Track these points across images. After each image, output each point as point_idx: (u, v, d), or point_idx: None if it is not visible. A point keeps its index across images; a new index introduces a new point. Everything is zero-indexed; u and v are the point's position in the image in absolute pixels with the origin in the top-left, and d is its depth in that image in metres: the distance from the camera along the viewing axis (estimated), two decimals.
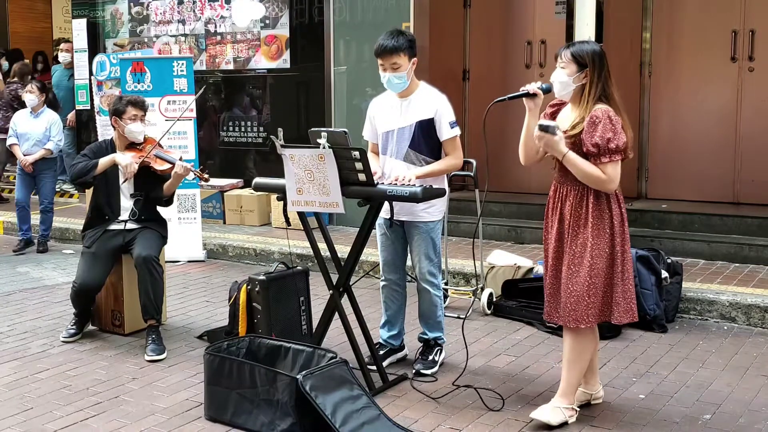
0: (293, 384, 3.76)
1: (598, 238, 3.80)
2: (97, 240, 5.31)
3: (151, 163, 5.33)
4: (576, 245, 3.83)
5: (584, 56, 3.80)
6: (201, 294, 6.58)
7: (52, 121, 8.22)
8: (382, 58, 4.49)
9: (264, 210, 8.73)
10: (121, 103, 5.41)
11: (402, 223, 4.68)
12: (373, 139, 4.78)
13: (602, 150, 3.72)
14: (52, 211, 8.32)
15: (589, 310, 3.83)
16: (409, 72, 4.52)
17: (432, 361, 4.73)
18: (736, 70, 7.79)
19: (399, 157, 4.59)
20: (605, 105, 3.79)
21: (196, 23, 9.61)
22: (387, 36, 4.51)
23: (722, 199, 7.83)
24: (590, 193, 3.81)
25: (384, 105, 4.72)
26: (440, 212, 4.70)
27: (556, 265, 3.94)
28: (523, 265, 6.20)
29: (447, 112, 4.56)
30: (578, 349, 3.94)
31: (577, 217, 3.84)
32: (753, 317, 5.56)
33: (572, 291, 3.84)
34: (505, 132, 8.92)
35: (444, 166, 4.57)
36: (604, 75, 3.82)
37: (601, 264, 3.81)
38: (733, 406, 4.22)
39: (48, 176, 8.24)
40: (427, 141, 4.57)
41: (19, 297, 6.47)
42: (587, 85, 3.81)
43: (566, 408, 3.98)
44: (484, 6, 9.05)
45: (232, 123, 9.54)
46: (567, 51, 3.84)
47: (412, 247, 4.71)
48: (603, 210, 3.82)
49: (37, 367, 4.88)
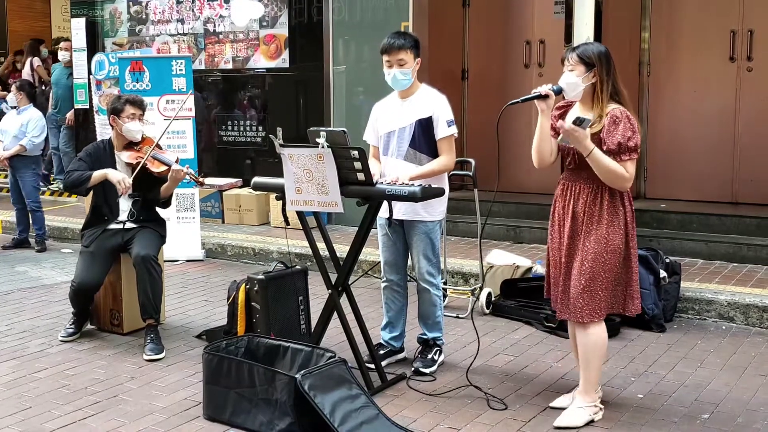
0: (292, 383, 3.76)
1: (614, 234, 3.86)
2: (96, 239, 5.31)
3: (149, 165, 5.32)
4: (589, 241, 3.87)
5: (591, 56, 3.85)
6: (200, 293, 6.58)
7: (30, 117, 8.19)
8: (389, 54, 4.54)
9: (263, 209, 8.73)
10: (120, 101, 5.41)
11: (402, 222, 4.69)
12: (375, 142, 4.80)
13: (623, 148, 3.79)
14: (40, 209, 8.29)
15: (601, 303, 3.91)
16: (413, 70, 4.58)
17: (431, 360, 4.73)
18: (734, 70, 7.80)
19: (400, 156, 4.61)
20: (619, 105, 3.85)
21: (195, 22, 9.60)
22: (393, 35, 4.61)
23: (721, 198, 7.83)
24: (605, 191, 3.87)
25: (386, 108, 4.76)
26: (440, 213, 4.71)
27: (568, 263, 3.96)
28: (522, 264, 6.20)
29: (445, 110, 4.60)
30: (593, 344, 3.98)
31: (591, 215, 3.88)
32: (751, 317, 5.57)
33: (586, 287, 3.88)
34: (503, 132, 8.94)
35: (437, 166, 4.59)
36: (613, 73, 3.88)
37: (615, 259, 3.88)
38: (731, 406, 4.22)
39: (27, 175, 8.19)
40: (427, 140, 4.59)
41: (17, 296, 6.47)
42: (598, 84, 3.86)
43: (589, 406, 4.01)
44: (483, 6, 9.05)
45: (230, 122, 9.53)
46: (573, 53, 3.89)
47: (412, 247, 4.72)
48: (617, 207, 3.89)
49: (35, 366, 4.88)
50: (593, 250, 3.86)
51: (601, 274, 3.87)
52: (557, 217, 4.03)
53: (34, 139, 8.14)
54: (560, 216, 4.01)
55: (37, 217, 8.27)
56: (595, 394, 4.06)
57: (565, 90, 3.90)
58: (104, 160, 5.41)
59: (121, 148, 5.44)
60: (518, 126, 8.22)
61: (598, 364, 4.02)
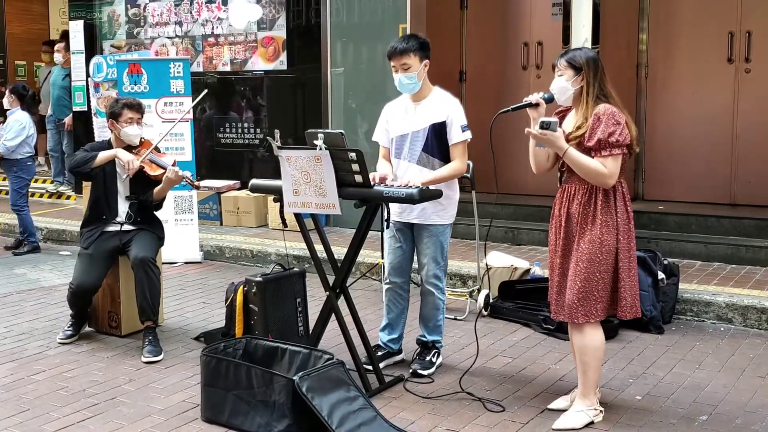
0: (290, 385, 3.76)
1: (607, 235, 3.87)
2: (94, 241, 5.30)
3: (145, 167, 5.32)
4: (584, 242, 3.89)
5: (578, 60, 3.93)
6: (198, 295, 6.58)
7: (11, 120, 8.13)
8: (394, 59, 4.54)
9: (261, 211, 8.74)
10: (118, 105, 5.40)
11: (412, 225, 4.69)
12: (386, 143, 4.79)
13: (603, 144, 3.81)
14: (22, 211, 8.23)
15: (597, 304, 3.91)
16: (420, 73, 4.55)
17: (429, 362, 4.73)
18: (732, 71, 7.80)
19: (413, 161, 4.61)
20: (606, 104, 3.89)
21: (193, 25, 9.60)
22: (399, 39, 4.61)
23: (719, 200, 7.84)
24: (599, 192, 3.89)
25: (398, 109, 4.74)
26: (451, 216, 4.72)
27: (564, 264, 3.98)
28: (520, 266, 6.20)
29: (459, 115, 4.60)
30: (590, 347, 3.99)
31: (585, 215, 3.90)
32: (749, 318, 5.57)
33: (581, 287, 3.89)
34: (501, 135, 8.94)
35: (449, 172, 4.59)
36: (600, 75, 3.93)
37: (610, 260, 3.89)
38: (729, 408, 4.22)
39: (10, 178, 8.19)
40: (440, 144, 4.59)
41: (16, 298, 6.47)
42: (585, 87, 3.92)
43: (589, 409, 4.02)
44: (481, 7, 9.06)
45: (228, 125, 9.53)
46: (562, 59, 3.98)
47: (420, 250, 4.72)
48: (611, 207, 3.90)
49: (33, 368, 4.87)
50: (588, 251, 3.88)
51: (596, 275, 3.88)
52: (555, 220, 4.06)
53: (6, 143, 7.99)
54: (557, 218, 4.03)
55: (21, 218, 8.24)
56: (594, 397, 4.06)
57: (556, 95, 3.96)
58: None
59: None
60: (516, 128, 8.20)
61: (595, 366, 4.02)
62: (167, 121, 7.52)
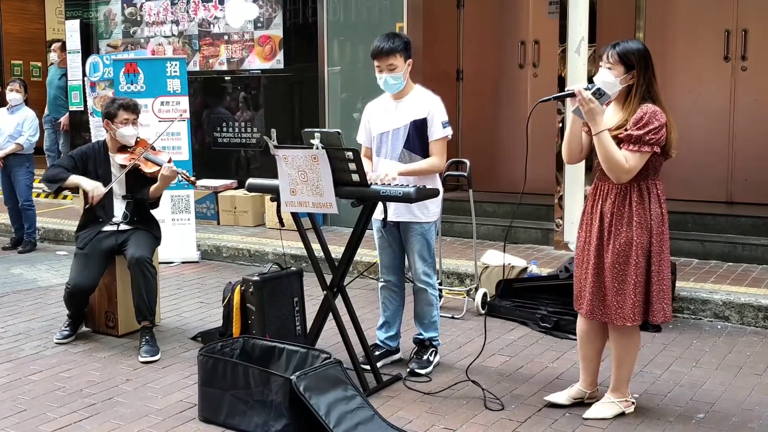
0: (287, 385, 3.76)
1: (641, 237, 3.81)
2: (91, 241, 5.30)
3: (142, 166, 5.32)
4: (619, 243, 3.83)
5: (631, 57, 3.76)
6: (195, 295, 6.58)
7: (25, 117, 8.23)
8: (379, 59, 4.52)
9: (258, 211, 8.73)
10: (113, 106, 5.39)
11: (398, 224, 4.69)
12: (367, 143, 4.80)
13: (634, 138, 3.72)
14: (32, 208, 8.31)
15: (635, 308, 3.86)
16: (404, 73, 4.55)
17: (426, 361, 4.73)
18: (729, 69, 7.81)
19: (393, 158, 4.60)
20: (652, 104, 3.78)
21: (189, 24, 9.59)
22: (383, 38, 4.56)
23: (716, 198, 7.85)
24: (633, 191, 3.83)
25: (378, 108, 4.75)
26: (435, 214, 4.71)
27: (598, 263, 3.91)
28: (517, 265, 6.20)
29: (440, 112, 4.59)
30: (626, 346, 4.01)
31: (620, 216, 3.84)
32: (746, 316, 5.58)
33: (620, 289, 3.85)
34: (498, 132, 8.96)
35: (427, 166, 4.58)
36: (649, 76, 3.80)
37: (644, 262, 3.84)
38: (726, 405, 4.23)
39: (21, 173, 8.22)
40: (421, 141, 4.59)
41: (12, 299, 6.46)
42: (633, 87, 3.79)
43: (621, 401, 4.06)
44: (478, 6, 9.06)
45: (225, 124, 9.52)
46: (614, 51, 3.78)
47: (408, 248, 4.73)
48: (645, 208, 3.83)
49: (30, 368, 4.87)
50: (624, 253, 3.81)
51: (634, 278, 3.82)
52: (586, 216, 4.00)
53: (30, 138, 8.19)
54: (589, 214, 3.97)
55: (29, 215, 8.29)
56: (626, 390, 4.10)
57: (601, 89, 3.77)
58: (98, 162, 5.41)
59: (115, 151, 5.44)
60: (513, 128, 8.22)
61: (630, 363, 4.05)
62: (164, 121, 7.52)
